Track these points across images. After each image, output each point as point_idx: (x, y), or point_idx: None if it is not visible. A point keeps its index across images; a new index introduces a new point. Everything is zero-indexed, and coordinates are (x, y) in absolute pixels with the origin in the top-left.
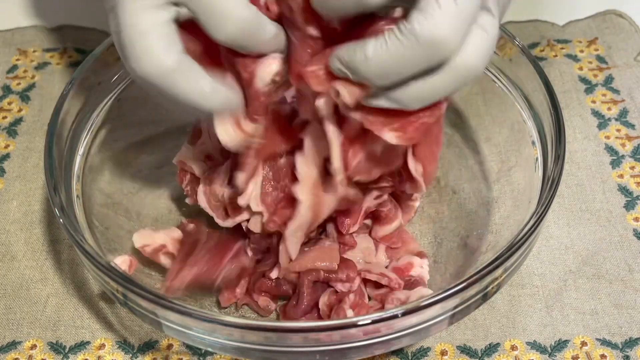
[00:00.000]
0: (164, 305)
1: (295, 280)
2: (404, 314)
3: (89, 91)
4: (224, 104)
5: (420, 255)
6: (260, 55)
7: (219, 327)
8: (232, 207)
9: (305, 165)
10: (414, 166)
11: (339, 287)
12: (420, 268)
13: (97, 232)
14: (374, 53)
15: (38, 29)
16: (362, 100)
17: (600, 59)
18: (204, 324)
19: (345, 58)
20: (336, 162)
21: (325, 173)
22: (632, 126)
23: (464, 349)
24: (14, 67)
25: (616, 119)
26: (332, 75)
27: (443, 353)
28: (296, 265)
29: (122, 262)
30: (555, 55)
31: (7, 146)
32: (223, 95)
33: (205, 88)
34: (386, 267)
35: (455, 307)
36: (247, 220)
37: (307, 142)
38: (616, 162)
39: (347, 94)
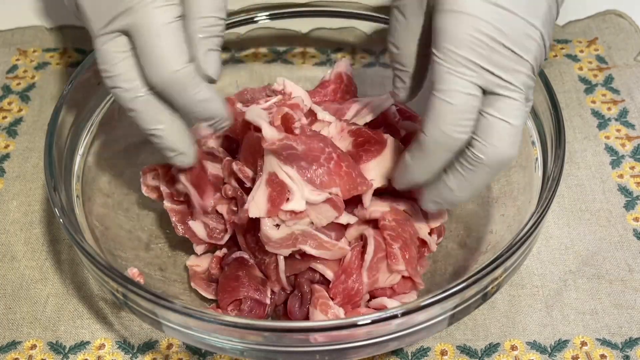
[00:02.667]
0: (164, 305)
1: (292, 282)
2: (404, 314)
3: (89, 91)
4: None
5: None
6: None
7: (219, 327)
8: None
9: None
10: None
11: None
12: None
13: (97, 232)
14: (458, 186)
15: (38, 29)
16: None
17: (600, 59)
18: (204, 324)
19: (438, 199)
20: None
21: None
22: (632, 126)
23: (464, 349)
24: (14, 67)
25: (616, 119)
26: None
27: (443, 353)
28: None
29: (130, 275)
30: (555, 55)
31: (7, 146)
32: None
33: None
34: None
35: (455, 307)
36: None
37: None
38: (616, 162)
39: None
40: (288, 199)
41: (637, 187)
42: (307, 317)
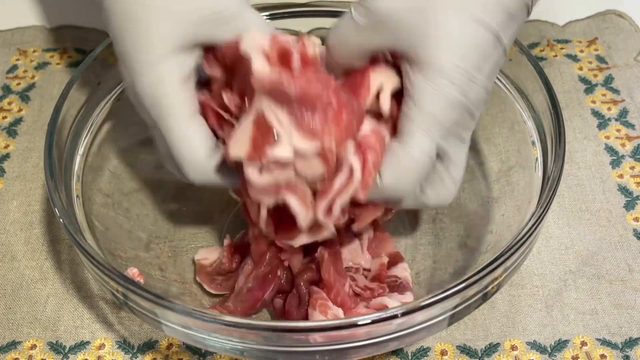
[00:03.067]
0: (164, 305)
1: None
2: (404, 314)
3: (89, 91)
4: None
5: (397, 258)
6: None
7: (219, 327)
8: None
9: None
10: None
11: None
12: (404, 270)
13: (97, 232)
14: (395, 203)
15: (38, 29)
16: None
17: (600, 59)
18: (204, 324)
19: (374, 193)
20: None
21: None
22: (632, 126)
23: (464, 349)
24: (14, 67)
25: (616, 119)
26: None
27: (443, 353)
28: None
29: (130, 275)
30: (555, 55)
31: (7, 146)
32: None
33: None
34: (369, 269)
35: (455, 307)
36: None
37: None
38: (616, 162)
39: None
40: (274, 143)
41: (637, 187)
42: (305, 318)
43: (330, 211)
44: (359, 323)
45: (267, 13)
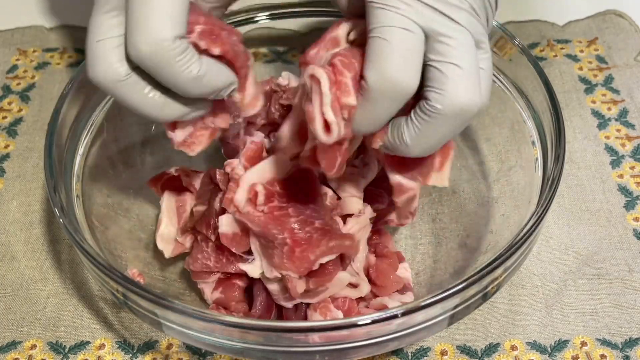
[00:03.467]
0: (164, 305)
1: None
2: (404, 314)
3: (89, 91)
4: (177, 116)
5: (397, 257)
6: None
7: (219, 327)
8: None
9: None
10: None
11: None
12: (405, 270)
13: (97, 232)
14: (412, 140)
15: (38, 29)
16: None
17: (600, 59)
18: (204, 324)
19: (389, 146)
20: None
21: None
22: (632, 126)
23: (464, 349)
24: (14, 67)
25: (616, 119)
26: None
27: (443, 353)
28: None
29: (130, 275)
30: (555, 55)
31: (7, 146)
32: (175, 108)
33: (156, 99)
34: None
35: (455, 307)
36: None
37: None
38: (616, 162)
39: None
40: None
41: (637, 187)
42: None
43: (328, 127)
44: (359, 323)
45: (267, 13)
